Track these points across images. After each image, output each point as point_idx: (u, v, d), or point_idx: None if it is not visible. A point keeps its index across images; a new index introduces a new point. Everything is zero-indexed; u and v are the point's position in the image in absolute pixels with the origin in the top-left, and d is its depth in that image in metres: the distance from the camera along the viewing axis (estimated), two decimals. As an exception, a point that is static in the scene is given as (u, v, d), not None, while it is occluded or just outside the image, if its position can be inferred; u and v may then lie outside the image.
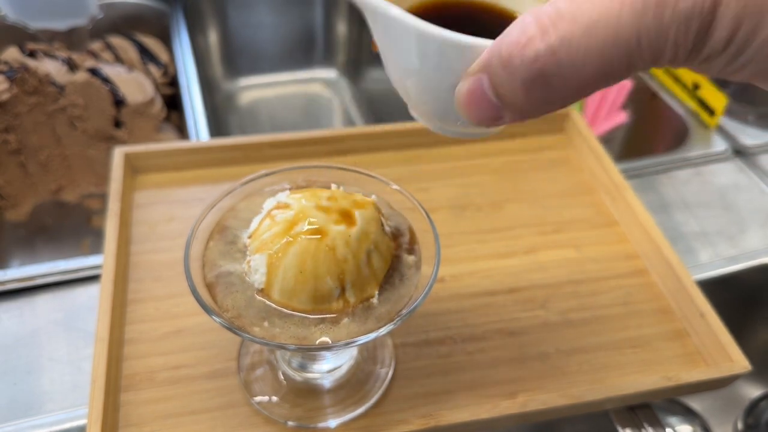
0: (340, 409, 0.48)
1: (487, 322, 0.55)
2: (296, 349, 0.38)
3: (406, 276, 0.42)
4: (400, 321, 0.38)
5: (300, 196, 0.42)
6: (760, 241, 0.71)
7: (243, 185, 0.46)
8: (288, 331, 0.38)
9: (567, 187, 0.55)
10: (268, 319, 0.39)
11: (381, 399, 0.49)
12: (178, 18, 1.03)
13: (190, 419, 0.47)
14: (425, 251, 0.43)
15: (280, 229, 0.40)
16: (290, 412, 0.47)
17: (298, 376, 0.49)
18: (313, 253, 0.39)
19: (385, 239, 0.42)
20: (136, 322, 0.53)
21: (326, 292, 0.39)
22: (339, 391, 0.49)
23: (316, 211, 0.40)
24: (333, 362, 0.49)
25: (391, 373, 0.50)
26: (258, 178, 0.46)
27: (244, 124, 1.15)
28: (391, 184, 0.46)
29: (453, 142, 0.71)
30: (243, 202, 0.46)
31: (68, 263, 0.62)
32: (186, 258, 0.40)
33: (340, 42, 1.21)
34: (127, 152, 0.64)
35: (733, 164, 0.82)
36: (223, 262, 0.42)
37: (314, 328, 0.39)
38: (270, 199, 0.43)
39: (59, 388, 0.53)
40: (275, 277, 0.39)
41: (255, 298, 0.40)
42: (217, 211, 0.44)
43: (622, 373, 0.52)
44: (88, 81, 0.86)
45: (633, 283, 0.59)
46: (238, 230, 0.44)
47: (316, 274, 0.39)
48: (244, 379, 0.49)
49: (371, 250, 0.40)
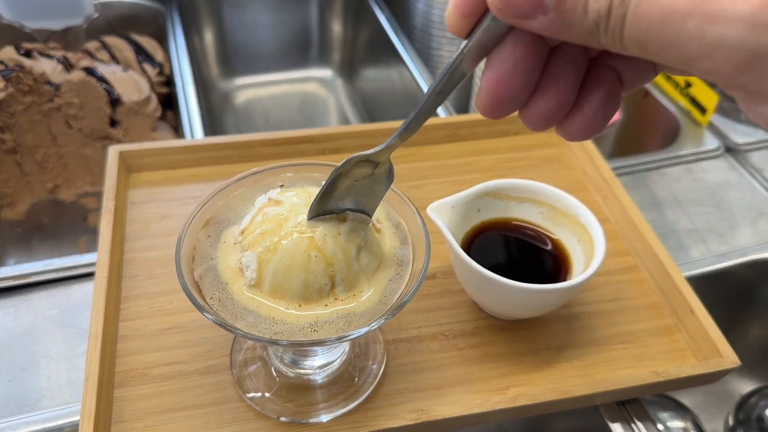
0: (332, 405, 0.48)
1: (477, 318, 0.55)
2: (288, 344, 0.39)
3: (397, 272, 0.43)
4: (391, 316, 0.38)
5: (292, 194, 0.42)
6: (751, 238, 0.72)
7: (236, 182, 0.46)
8: (273, 327, 0.39)
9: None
10: (254, 313, 0.39)
11: (372, 394, 0.49)
12: (174, 17, 1.03)
13: (184, 415, 0.47)
14: (418, 249, 0.44)
15: (270, 226, 0.40)
16: (282, 407, 0.48)
17: (290, 372, 0.50)
18: (303, 250, 0.39)
19: (375, 237, 0.43)
20: (130, 318, 0.53)
21: (316, 288, 0.40)
22: (331, 387, 0.50)
23: (306, 208, 0.40)
24: (325, 358, 0.50)
25: (382, 369, 0.51)
26: (250, 176, 0.46)
27: (239, 123, 1.15)
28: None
29: (446, 140, 0.71)
30: (236, 198, 0.46)
31: (64, 261, 0.63)
32: (177, 255, 0.41)
33: (335, 41, 1.21)
34: (121, 150, 0.64)
35: (725, 161, 0.82)
36: (214, 256, 0.43)
37: (303, 323, 0.39)
38: (262, 196, 0.44)
39: (54, 384, 0.54)
40: (265, 273, 0.40)
41: (244, 294, 0.40)
42: (210, 205, 0.45)
43: (612, 369, 0.53)
44: (83, 80, 0.86)
45: (623, 279, 0.60)
46: (231, 224, 0.45)
47: (305, 269, 0.39)
48: (237, 375, 0.50)
49: (361, 247, 0.41)
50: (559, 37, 0.24)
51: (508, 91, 0.26)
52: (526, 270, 0.53)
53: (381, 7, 1.09)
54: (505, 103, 0.26)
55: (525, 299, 0.49)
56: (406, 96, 0.99)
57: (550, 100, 0.26)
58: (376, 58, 1.11)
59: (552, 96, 0.26)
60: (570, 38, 0.23)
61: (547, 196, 0.55)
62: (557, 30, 0.23)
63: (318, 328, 0.39)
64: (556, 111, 0.27)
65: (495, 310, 0.54)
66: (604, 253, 0.50)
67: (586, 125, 0.27)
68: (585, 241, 0.53)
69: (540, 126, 0.27)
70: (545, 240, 0.55)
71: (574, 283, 0.48)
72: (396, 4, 1.09)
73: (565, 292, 0.48)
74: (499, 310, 0.53)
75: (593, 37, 0.22)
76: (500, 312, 0.54)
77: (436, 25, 1.00)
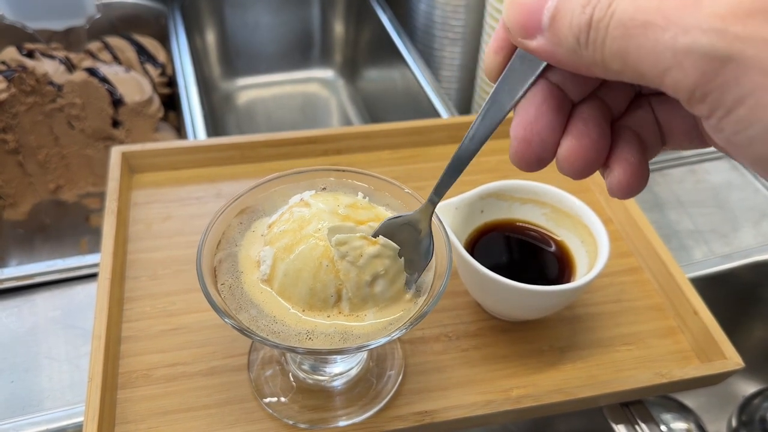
0: (351, 412, 0.48)
1: (481, 319, 0.55)
2: (305, 352, 0.38)
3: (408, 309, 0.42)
4: (411, 326, 0.38)
5: (321, 199, 0.42)
6: (754, 239, 0.72)
7: (280, 177, 0.46)
8: (272, 326, 0.39)
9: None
10: (258, 308, 0.40)
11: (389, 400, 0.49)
12: (176, 18, 1.03)
13: (187, 416, 0.47)
14: (437, 281, 0.42)
15: (292, 226, 0.40)
16: (299, 413, 0.48)
17: (308, 378, 0.50)
18: (316, 257, 0.39)
19: (397, 264, 0.41)
20: (133, 319, 0.53)
21: (321, 297, 0.40)
22: (348, 394, 0.49)
23: (331, 216, 0.40)
24: (343, 366, 0.50)
25: (400, 378, 0.50)
26: (295, 173, 0.47)
27: (241, 123, 1.15)
28: (403, 188, 0.46)
29: (448, 141, 0.71)
30: (278, 192, 0.46)
31: (66, 262, 0.62)
32: (204, 235, 0.41)
33: (337, 42, 1.21)
34: (124, 151, 0.64)
35: (728, 163, 0.82)
36: (239, 243, 0.43)
37: (300, 329, 0.39)
38: (296, 195, 0.44)
39: (57, 385, 0.54)
40: (277, 272, 0.40)
41: (255, 286, 0.41)
42: (251, 195, 0.46)
43: (615, 370, 0.53)
44: (85, 81, 0.86)
45: (626, 281, 0.60)
46: (264, 216, 0.45)
47: (314, 276, 0.39)
48: (254, 379, 0.49)
49: (379, 275, 0.40)
50: (552, 60, 0.25)
51: (535, 133, 0.27)
52: (529, 271, 0.53)
53: (383, 8, 1.09)
54: (534, 145, 0.27)
55: (528, 301, 0.49)
56: (407, 97, 0.99)
57: (581, 138, 0.27)
58: (378, 58, 1.11)
59: (582, 133, 0.27)
60: (560, 59, 0.24)
61: (550, 197, 0.55)
62: (550, 51, 0.24)
63: (313, 337, 0.39)
64: (589, 151, 0.27)
65: (498, 311, 0.54)
66: (608, 255, 0.50)
67: (631, 172, 0.27)
68: (588, 243, 0.52)
69: (577, 169, 0.27)
70: (549, 241, 0.55)
71: (578, 285, 0.48)
72: (398, 4, 1.09)
73: (569, 293, 0.48)
74: (502, 312, 0.53)
75: (576, 55, 0.23)
76: (504, 313, 0.54)
77: (438, 25, 1.00)
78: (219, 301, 0.39)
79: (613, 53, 0.22)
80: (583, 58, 0.23)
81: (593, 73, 0.24)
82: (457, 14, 0.97)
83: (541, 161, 0.27)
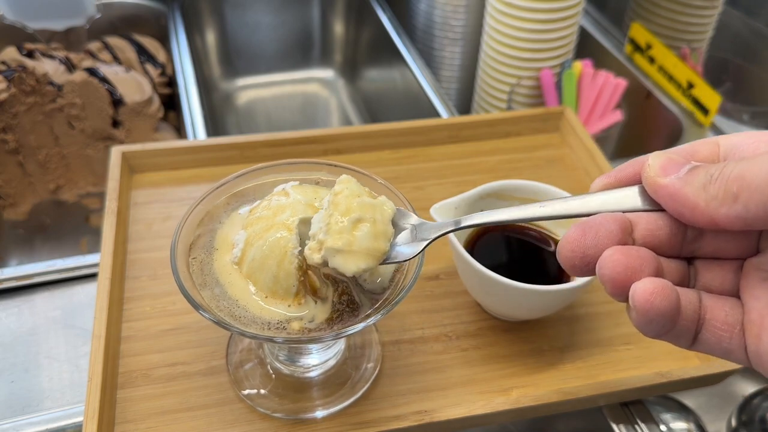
0: (328, 402, 0.48)
1: (481, 319, 0.55)
2: (284, 341, 0.39)
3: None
4: (381, 316, 0.39)
5: (300, 191, 0.43)
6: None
7: (274, 166, 0.47)
8: (233, 309, 0.40)
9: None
10: (222, 287, 0.41)
11: (374, 394, 0.49)
12: (176, 18, 1.03)
13: (187, 415, 0.47)
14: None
15: (267, 213, 0.41)
16: (279, 405, 0.48)
17: (285, 370, 0.50)
18: (282, 245, 0.40)
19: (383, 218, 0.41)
20: (133, 319, 0.53)
21: (284, 286, 0.40)
22: (326, 385, 0.50)
23: (306, 208, 0.41)
24: (319, 356, 0.50)
25: (378, 369, 0.51)
26: (289, 164, 0.48)
27: (241, 123, 1.15)
28: (377, 179, 0.46)
29: (448, 141, 0.71)
30: (271, 183, 0.47)
31: (66, 262, 0.63)
32: (173, 251, 0.41)
33: (337, 42, 1.21)
34: (124, 151, 0.64)
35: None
36: (223, 221, 0.45)
37: (264, 316, 0.40)
38: (280, 185, 0.45)
39: (57, 385, 0.54)
40: (247, 256, 0.41)
41: (225, 266, 0.42)
42: (245, 182, 0.47)
43: (615, 370, 0.53)
44: (86, 81, 0.86)
45: (627, 281, 0.59)
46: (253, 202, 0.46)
47: (278, 265, 0.40)
48: (233, 374, 0.50)
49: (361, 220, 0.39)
50: (676, 197, 0.27)
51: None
52: (529, 271, 0.53)
53: (383, 8, 1.09)
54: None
55: (528, 300, 0.49)
56: (407, 97, 0.99)
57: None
58: (378, 58, 1.11)
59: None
60: (686, 196, 0.26)
61: (550, 197, 0.55)
62: (678, 187, 0.27)
63: (281, 327, 0.40)
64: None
65: (498, 311, 0.54)
66: None
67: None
68: None
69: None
70: (548, 241, 0.55)
71: (578, 285, 0.48)
72: (398, 4, 1.09)
73: (569, 293, 0.48)
74: (502, 312, 0.53)
75: (704, 191, 0.26)
76: (503, 313, 0.54)
77: (438, 25, 1.00)
78: (185, 275, 0.40)
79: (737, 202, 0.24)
80: (710, 191, 0.25)
81: (712, 211, 0.25)
82: (457, 14, 0.97)
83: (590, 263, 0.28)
